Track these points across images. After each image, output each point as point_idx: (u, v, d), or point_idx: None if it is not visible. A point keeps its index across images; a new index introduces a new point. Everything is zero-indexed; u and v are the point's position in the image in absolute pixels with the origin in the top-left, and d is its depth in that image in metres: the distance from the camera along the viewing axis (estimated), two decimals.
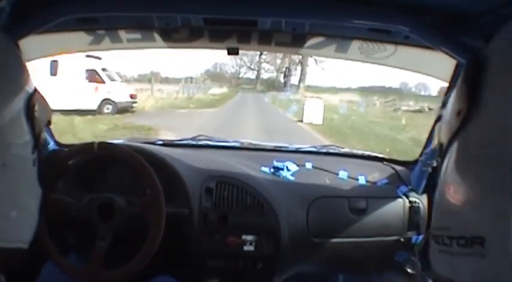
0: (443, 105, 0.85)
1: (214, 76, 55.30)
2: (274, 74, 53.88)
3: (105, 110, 16.17)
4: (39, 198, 0.99)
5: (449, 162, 0.70)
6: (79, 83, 15.69)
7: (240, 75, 57.95)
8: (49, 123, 1.03)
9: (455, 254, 0.59)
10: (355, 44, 1.76)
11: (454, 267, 0.61)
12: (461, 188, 0.63)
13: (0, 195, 0.80)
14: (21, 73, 0.89)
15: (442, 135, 0.75)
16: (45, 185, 1.02)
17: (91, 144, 1.62)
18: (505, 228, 0.52)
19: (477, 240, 0.55)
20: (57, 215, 1.60)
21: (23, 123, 0.86)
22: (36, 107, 0.90)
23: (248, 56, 47.50)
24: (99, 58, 16.13)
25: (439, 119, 0.84)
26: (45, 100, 0.98)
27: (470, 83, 0.68)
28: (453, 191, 0.66)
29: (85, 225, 1.62)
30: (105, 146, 1.65)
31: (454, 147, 0.69)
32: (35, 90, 0.92)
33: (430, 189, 1.93)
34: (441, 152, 0.74)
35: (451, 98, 0.76)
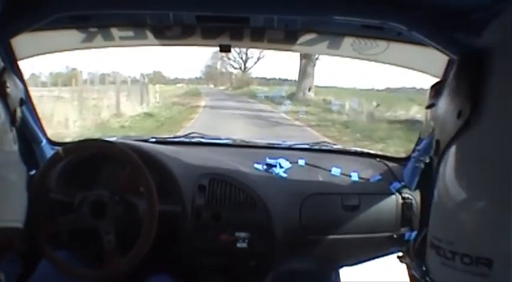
0: (432, 104, 0.83)
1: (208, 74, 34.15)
2: None
3: None
4: (24, 174, 0.99)
5: (448, 166, 0.67)
6: None
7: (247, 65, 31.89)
8: (22, 101, 1.02)
9: (460, 270, 0.58)
10: (348, 41, 1.76)
11: None
12: (463, 197, 0.62)
13: None
14: None
15: (439, 134, 0.73)
16: (30, 163, 1.02)
17: (57, 152, 1.64)
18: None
19: (483, 261, 0.53)
20: (54, 223, 1.61)
21: None
22: (8, 84, 0.90)
23: None
24: None
25: (431, 115, 0.83)
26: (17, 78, 0.97)
27: (468, 81, 0.67)
28: (454, 199, 0.65)
29: (83, 227, 1.63)
30: (75, 148, 1.68)
31: (454, 150, 0.67)
32: (5, 68, 0.91)
33: (422, 185, 1.94)
34: (437, 151, 0.72)
35: (446, 96, 0.74)
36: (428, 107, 0.82)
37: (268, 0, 1.35)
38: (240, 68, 32.34)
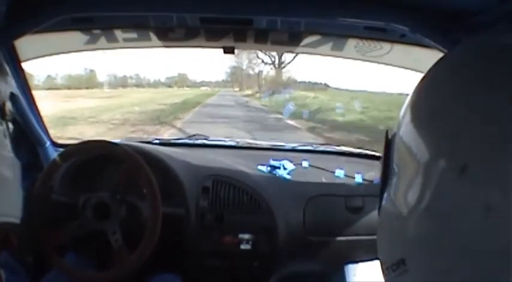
0: None
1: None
2: None
3: None
4: (19, 169, 0.99)
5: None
6: None
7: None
8: (12, 95, 1.01)
9: (394, 278, 0.64)
10: (351, 42, 1.76)
11: None
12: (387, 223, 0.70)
13: None
14: None
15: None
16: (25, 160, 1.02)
17: (54, 160, 1.64)
18: (420, 248, 0.57)
19: (400, 261, 0.61)
20: (54, 215, 1.61)
21: None
22: None
23: None
24: None
25: None
26: (6, 77, 0.96)
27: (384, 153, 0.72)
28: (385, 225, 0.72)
29: (84, 229, 1.63)
30: (71, 152, 1.68)
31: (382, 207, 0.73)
32: None
33: None
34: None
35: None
36: None
37: (272, 2, 1.35)
38: (273, 64, 22.37)
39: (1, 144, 0.88)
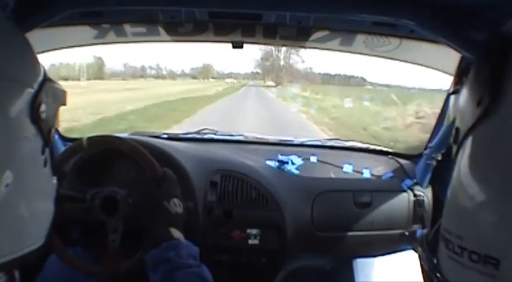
0: (455, 90, 0.79)
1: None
2: None
3: None
4: (53, 197, 0.97)
5: (465, 156, 0.65)
6: None
7: None
8: (63, 104, 0.98)
9: (467, 267, 0.56)
10: (360, 38, 1.75)
11: (463, 279, 0.58)
12: (477, 191, 0.59)
13: (10, 204, 0.78)
14: (28, 67, 0.84)
15: (459, 122, 0.70)
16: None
17: (80, 142, 1.62)
18: None
19: (491, 260, 0.51)
20: (62, 210, 1.61)
21: (28, 126, 0.81)
22: (43, 107, 0.83)
23: None
24: None
25: (453, 102, 0.78)
26: (55, 88, 0.92)
27: (488, 70, 0.65)
28: (467, 192, 0.62)
29: (90, 219, 1.63)
30: (100, 140, 1.66)
31: (472, 139, 0.65)
32: (44, 82, 0.86)
33: (434, 182, 1.94)
34: (456, 139, 0.69)
35: (468, 84, 0.71)
36: (452, 93, 0.78)
37: None
38: None
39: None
